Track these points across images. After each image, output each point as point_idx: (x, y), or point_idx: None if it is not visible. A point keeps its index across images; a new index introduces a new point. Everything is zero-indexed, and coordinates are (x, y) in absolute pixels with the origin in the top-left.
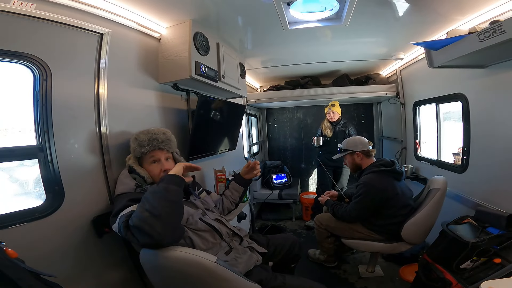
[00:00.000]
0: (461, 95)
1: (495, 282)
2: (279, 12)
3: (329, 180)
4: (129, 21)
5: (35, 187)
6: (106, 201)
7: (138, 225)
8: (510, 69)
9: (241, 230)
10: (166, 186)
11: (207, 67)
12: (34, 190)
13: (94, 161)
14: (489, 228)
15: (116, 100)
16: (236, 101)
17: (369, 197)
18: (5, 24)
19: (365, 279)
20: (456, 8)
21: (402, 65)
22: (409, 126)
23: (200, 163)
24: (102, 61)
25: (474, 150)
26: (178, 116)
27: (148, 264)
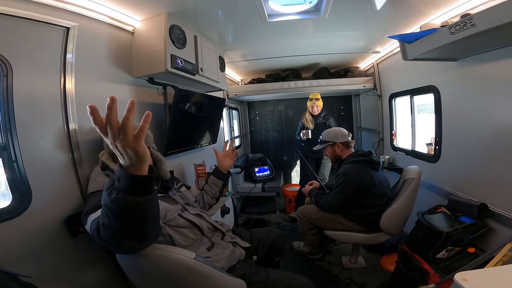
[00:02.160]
0: (433, 87)
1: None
2: (257, 4)
3: (311, 172)
4: (99, 15)
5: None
6: (79, 200)
7: (106, 241)
8: (480, 62)
9: (223, 225)
10: (123, 200)
11: (183, 60)
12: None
13: (63, 159)
14: (462, 217)
15: (85, 96)
16: (217, 95)
17: (348, 186)
18: None
19: (348, 269)
20: (430, 2)
21: (379, 58)
22: (385, 117)
23: (180, 158)
24: (69, 55)
25: (446, 140)
26: (154, 111)
27: (126, 264)
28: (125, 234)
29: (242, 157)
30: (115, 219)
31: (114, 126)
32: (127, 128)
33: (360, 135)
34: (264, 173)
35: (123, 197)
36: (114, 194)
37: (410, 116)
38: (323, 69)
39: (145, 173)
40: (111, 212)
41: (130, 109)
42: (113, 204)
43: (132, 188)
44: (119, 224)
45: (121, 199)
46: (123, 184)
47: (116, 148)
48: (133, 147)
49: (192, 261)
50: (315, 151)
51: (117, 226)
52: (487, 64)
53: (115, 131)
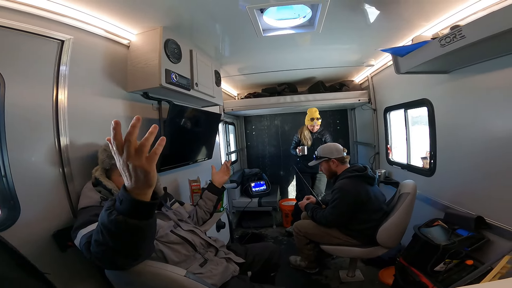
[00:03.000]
0: (426, 100)
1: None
2: (252, 19)
3: (307, 187)
4: (95, 28)
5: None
6: (69, 215)
7: (98, 258)
8: (472, 74)
9: (217, 241)
10: (123, 223)
11: (178, 75)
12: None
13: (53, 174)
14: (459, 230)
15: (78, 110)
16: (212, 109)
17: (344, 202)
18: None
19: (346, 284)
20: (420, 14)
21: (373, 71)
22: (381, 131)
23: (174, 174)
24: (62, 67)
25: (441, 154)
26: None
27: (117, 280)
28: (119, 252)
29: (238, 172)
30: (110, 238)
31: (132, 145)
32: (145, 148)
33: (356, 149)
34: (260, 188)
35: (123, 220)
36: (114, 215)
37: (405, 130)
38: (318, 83)
39: (148, 198)
40: (107, 231)
41: (150, 131)
42: (111, 225)
43: (133, 212)
44: (114, 243)
45: (121, 222)
46: (124, 206)
47: (126, 168)
48: (145, 169)
49: (182, 278)
50: (310, 166)
51: (111, 244)
52: (479, 75)
53: (131, 150)
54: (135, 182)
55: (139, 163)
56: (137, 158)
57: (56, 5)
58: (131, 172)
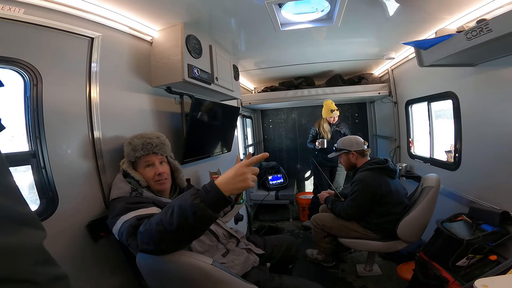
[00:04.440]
0: (451, 93)
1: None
2: (270, 13)
3: (325, 181)
4: (120, 25)
5: (29, 193)
6: (101, 206)
7: (147, 235)
8: (498, 67)
9: (237, 232)
10: (201, 209)
11: (200, 69)
12: (28, 195)
13: (87, 166)
14: (484, 225)
15: (108, 105)
16: (231, 103)
17: (364, 194)
18: None
19: (363, 278)
20: (444, 7)
21: (394, 64)
22: (402, 124)
23: (195, 166)
24: (93, 65)
25: (466, 147)
26: (172, 120)
27: (146, 268)
28: (169, 239)
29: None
30: (179, 220)
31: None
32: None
33: (375, 143)
34: (277, 181)
35: (203, 207)
36: (198, 201)
37: (428, 123)
38: (336, 76)
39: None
40: (182, 212)
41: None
42: (191, 208)
43: (214, 204)
44: (178, 226)
45: (201, 208)
46: (210, 196)
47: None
48: (249, 186)
49: (209, 267)
50: (329, 159)
51: (174, 226)
52: (506, 69)
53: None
54: (235, 185)
55: (246, 185)
56: (246, 181)
57: (85, 3)
58: (241, 180)
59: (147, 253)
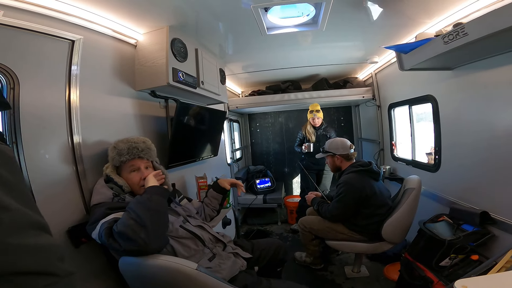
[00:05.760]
0: (431, 96)
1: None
2: (256, 17)
3: (312, 184)
4: (103, 28)
5: None
6: (82, 211)
7: (122, 231)
8: (475, 70)
9: (224, 236)
10: (150, 197)
11: (185, 73)
12: None
13: (67, 172)
14: (464, 225)
15: (89, 109)
16: (217, 107)
17: (349, 195)
18: None
19: (351, 279)
20: (423, 11)
21: (377, 68)
22: (385, 128)
23: (181, 171)
24: (74, 68)
25: (445, 149)
26: (156, 124)
27: (129, 273)
28: (144, 228)
29: (243, 169)
30: (142, 212)
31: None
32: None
33: (360, 146)
34: (265, 184)
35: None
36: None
37: (409, 126)
38: (322, 80)
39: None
40: (141, 206)
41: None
42: (143, 198)
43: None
44: (144, 217)
45: (149, 197)
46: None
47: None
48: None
49: (194, 271)
50: (316, 163)
51: (141, 220)
52: (483, 72)
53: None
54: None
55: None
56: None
57: (66, 5)
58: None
59: (133, 253)
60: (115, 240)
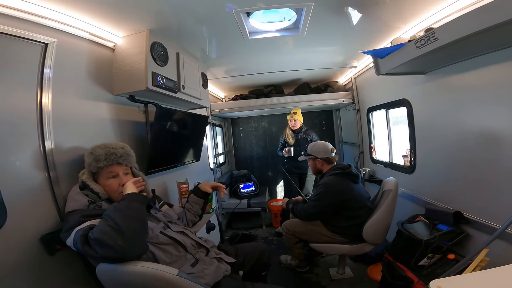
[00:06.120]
0: (405, 100)
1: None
2: (238, 22)
3: (294, 188)
4: (80, 31)
5: None
6: (56, 219)
7: (99, 238)
8: (446, 74)
9: (207, 241)
10: (128, 204)
11: (165, 77)
12: None
13: (39, 179)
14: (439, 225)
15: (63, 113)
16: (199, 112)
17: (327, 196)
18: None
19: (336, 281)
20: (399, 17)
21: (356, 73)
22: (364, 131)
23: (162, 176)
24: (46, 71)
25: (420, 152)
26: (135, 129)
27: (107, 280)
28: (121, 234)
29: (226, 174)
30: (120, 219)
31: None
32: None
33: (341, 149)
34: (249, 189)
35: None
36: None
37: (387, 129)
38: (304, 85)
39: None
40: (119, 213)
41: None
42: (121, 206)
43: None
44: (122, 224)
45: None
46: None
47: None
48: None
49: (175, 278)
50: (298, 167)
51: (118, 227)
52: (453, 76)
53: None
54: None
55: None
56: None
57: (40, 8)
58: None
59: (111, 260)
60: (90, 247)
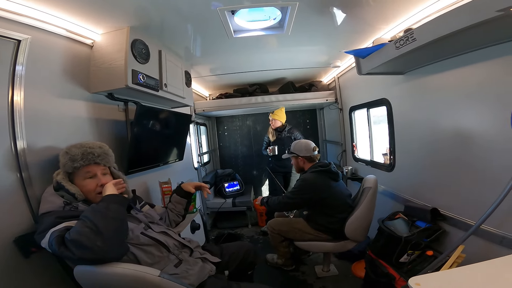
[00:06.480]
0: (385, 100)
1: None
2: (223, 20)
3: (279, 186)
4: (56, 28)
5: None
6: (30, 221)
7: (76, 239)
8: (424, 74)
9: (191, 241)
10: (107, 205)
11: (146, 75)
12: None
13: (10, 179)
14: (418, 222)
15: (36, 112)
16: (183, 110)
17: (302, 191)
18: None
19: (322, 278)
20: (380, 17)
21: (340, 72)
22: (347, 130)
23: (143, 176)
24: (18, 67)
25: (399, 150)
26: (115, 128)
27: (85, 282)
28: (100, 236)
29: (211, 173)
30: (98, 221)
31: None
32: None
33: (325, 148)
34: (234, 188)
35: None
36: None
37: (368, 128)
38: (288, 84)
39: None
40: (98, 214)
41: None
42: (100, 207)
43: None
44: (101, 225)
45: (107, 206)
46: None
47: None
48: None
49: (156, 279)
50: (283, 165)
51: (97, 229)
52: (430, 76)
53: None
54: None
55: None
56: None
57: (13, 4)
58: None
59: (89, 261)
60: (67, 248)
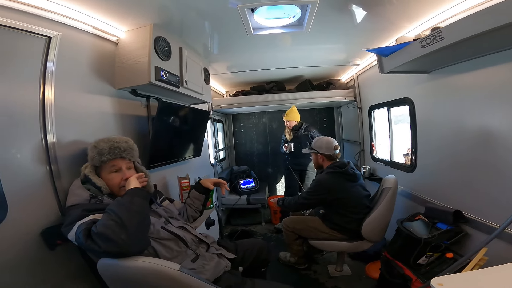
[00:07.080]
0: (408, 99)
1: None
2: (243, 17)
3: (296, 183)
4: (83, 25)
5: None
6: (57, 213)
7: (102, 231)
8: (450, 74)
9: (207, 237)
10: (131, 199)
11: (168, 72)
12: None
13: (40, 172)
14: (439, 224)
15: (65, 107)
16: (201, 107)
17: (317, 193)
18: None
19: (334, 278)
20: (404, 16)
21: (359, 70)
22: (365, 129)
23: (163, 171)
24: (49, 64)
25: (421, 150)
26: (137, 123)
27: (108, 275)
28: (125, 229)
29: (226, 170)
30: (123, 214)
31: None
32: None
33: (342, 147)
34: (249, 185)
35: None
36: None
37: (388, 128)
38: (306, 82)
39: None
40: (122, 207)
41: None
42: (124, 200)
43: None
44: (125, 218)
45: (130, 199)
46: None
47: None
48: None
49: (176, 273)
50: (298, 163)
51: (121, 222)
52: (456, 75)
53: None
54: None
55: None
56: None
57: (44, 1)
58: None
59: (113, 254)
60: (93, 241)
